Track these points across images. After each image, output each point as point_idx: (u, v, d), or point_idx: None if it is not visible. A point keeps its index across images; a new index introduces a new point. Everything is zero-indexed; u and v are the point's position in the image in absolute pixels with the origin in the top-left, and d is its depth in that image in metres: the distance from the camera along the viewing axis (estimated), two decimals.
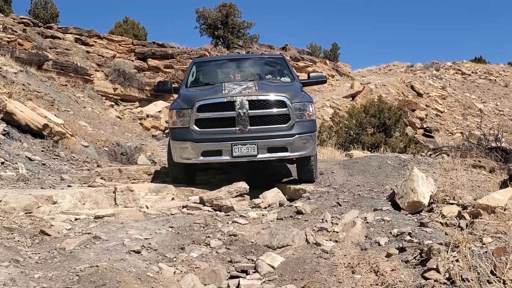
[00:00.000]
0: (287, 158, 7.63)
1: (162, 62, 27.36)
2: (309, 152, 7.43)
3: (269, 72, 9.25)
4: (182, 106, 7.49)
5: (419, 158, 9.33)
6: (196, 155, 7.31)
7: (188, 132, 7.31)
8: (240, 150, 7.16)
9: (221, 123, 7.28)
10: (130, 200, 7.22)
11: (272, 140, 7.23)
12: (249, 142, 7.17)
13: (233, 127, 7.19)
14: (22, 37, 20.88)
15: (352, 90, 31.90)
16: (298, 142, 7.27)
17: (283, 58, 9.64)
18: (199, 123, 7.29)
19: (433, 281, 3.72)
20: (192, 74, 9.01)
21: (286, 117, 7.28)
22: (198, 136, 7.25)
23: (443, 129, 34.07)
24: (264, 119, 7.29)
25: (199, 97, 7.41)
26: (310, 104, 7.57)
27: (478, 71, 46.48)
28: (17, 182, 7.53)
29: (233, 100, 7.17)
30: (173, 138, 7.55)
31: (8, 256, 4.50)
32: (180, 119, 7.41)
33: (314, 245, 4.99)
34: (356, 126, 18.21)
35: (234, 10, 33.61)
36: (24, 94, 13.85)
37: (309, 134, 7.41)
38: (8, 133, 9.90)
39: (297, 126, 7.30)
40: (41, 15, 28.82)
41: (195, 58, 12.07)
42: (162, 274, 4.40)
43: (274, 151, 7.30)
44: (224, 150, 7.23)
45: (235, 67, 9.59)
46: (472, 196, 5.93)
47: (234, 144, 7.16)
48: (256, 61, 9.84)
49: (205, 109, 7.27)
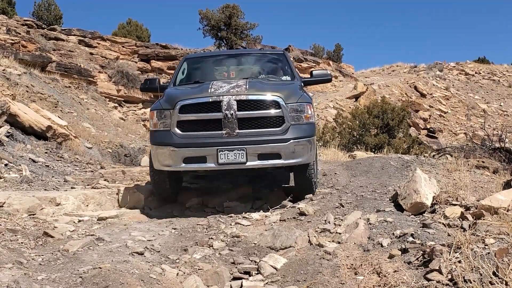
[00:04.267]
0: (281, 166, 6.68)
1: (166, 63, 27.44)
2: (306, 159, 6.59)
3: (267, 69, 8.44)
4: (163, 106, 6.68)
5: (422, 159, 9.31)
6: (177, 162, 6.47)
7: (169, 135, 6.50)
8: (226, 157, 6.33)
9: (206, 126, 6.46)
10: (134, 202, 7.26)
11: (263, 146, 6.37)
12: (237, 148, 6.33)
13: (220, 130, 6.36)
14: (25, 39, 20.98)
15: (355, 91, 31.91)
16: (293, 148, 6.43)
17: (284, 54, 8.74)
18: (182, 126, 6.49)
19: (435, 282, 3.72)
20: (182, 71, 8.23)
21: (279, 119, 6.46)
22: (180, 140, 6.44)
23: (447, 130, 34.01)
24: (255, 121, 6.45)
25: (181, 97, 6.63)
26: (309, 105, 6.73)
27: (481, 72, 46.37)
28: (21, 184, 7.56)
29: (219, 100, 6.36)
30: (153, 142, 6.76)
31: (11, 258, 4.52)
32: (162, 121, 6.61)
33: (317, 247, 4.99)
34: (360, 127, 18.20)
35: (237, 11, 33.67)
36: (28, 96, 13.91)
37: (306, 139, 6.57)
38: (11, 135, 9.94)
39: (293, 129, 6.47)
40: (44, 17, 28.96)
41: (188, 54, 10.86)
42: (165, 276, 4.41)
43: (265, 158, 6.43)
44: (209, 156, 6.38)
45: (231, 63, 8.74)
46: (475, 197, 5.92)
47: (220, 149, 6.32)
48: (254, 57, 8.92)
49: (188, 110, 6.49)
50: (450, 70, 46.13)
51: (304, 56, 36.31)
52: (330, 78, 8.25)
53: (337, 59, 41.52)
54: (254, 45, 33.38)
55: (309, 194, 6.92)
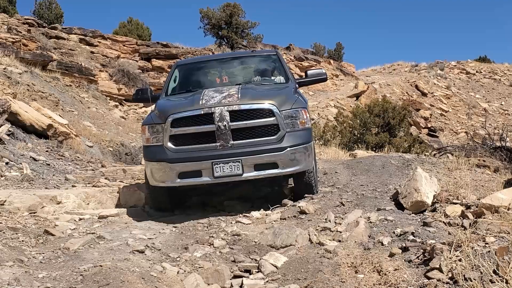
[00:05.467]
0: (279, 175, 6.49)
1: (166, 62, 27.42)
2: (304, 167, 6.42)
3: (260, 71, 8.24)
4: (154, 121, 6.50)
5: (423, 157, 9.32)
6: (172, 178, 6.26)
7: (162, 150, 6.30)
8: (222, 170, 6.12)
9: (199, 139, 6.25)
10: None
11: (259, 156, 6.18)
12: (232, 160, 6.12)
13: (214, 142, 6.17)
14: (26, 37, 20.97)
15: (356, 90, 31.91)
16: (289, 156, 6.24)
17: (277, 54, 8.45)
18: (175, 140, 6.29)
19: (436, 281, 3.72)
20: (174, 79, 7.99)
21: (274, 127, 6.27)
22: (173, 155, 6.24)
23: (448, 129, 34.01)
24: (249, 131, 6.26)
25: (172, 110, 6.42)
26: (304, 110, 6.54)
27: (482, 71, 46.36)
28: (22, 182, 7.56)
29: (211, 112, 6.16)
30: (147, 158, 6.59)
31: (12, 256, 4.53)
32: (154, 136, 6.42)
33: (317, 245, 4.99)
34: (360, 126, 18.21)
35: (238, 10, 33.69)
36: (29, 94, 13.91)
37: (303, 145, 6.38)
38: (12, 134, 9.95)
39: (288, 137, 6.27)
40: (45, 16, 28.95)
41: (179, 61, 10.03)
42: (165, 274, 4.42)
43: (262, 169, 6.23)
44: (204, 170, 6.17)
45: (223, 68, 8.49)
46: (475, 195, 5.92)
47: (215, 162, 6.11)
48: (246, 60, 8.65)
49: (180, 124, 6.27)
50: (451, 69, 46.13)
51: (305, 55, 36.31)
52: (325, 78, 7.98)
53: (338, 58, 41.49)
54: (255, 44, 33.39)
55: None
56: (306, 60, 35.44)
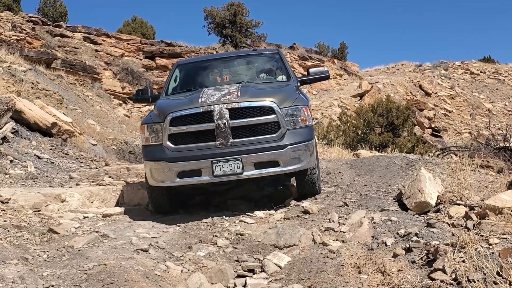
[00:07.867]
0: (280, 173, 6.43)
1: (170, 61, 27.40)
2: (305, 165, 6.35)
3: (262, 70, 8.19)
4: (153, 120, 6.45)
5: (427, 158, 9.30)
6: (172, 177, 6.19)
7: (161, 150, 6.25)
8: (222, 168, 6.05)
9: (199, 138, 6.18)
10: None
11: (259, 154, 6.10)
12: (232, 158, 6.06)
13: (213, 141, 6.11)
14: (31, 35, 21.02)
15: (360, 90, 31.85)
16: (290, 154, 6.18)
17: (278, 53, 8.37)
18: (174, 139, 6.23)
19: (439, 282, 3.72)
20: (174, 79, 7.94)
21: (274, 125, 6.21)
22: (172, 154, 6.18)
23: (452, 129, 33.93)
24: (249, 129, 6.19)
25: (171, 109, 6.35)
26: (305, 108, 6.48)
27: (486, 71, 46.20)
28: (26, 180, 7.59)
29: (210, 109, 6.10)
30: (146, 157, 6.52)
31: (17, 254, 4.55)
32: (153, 135, 6.36)
33: (321, 245, 5.00)
34: (364, 125, 18.18)
35: (242, 9, 33.68)
36: (33, 92, 13.94)
37: (304, 143, 6.31)
38: (17, 132, 9.97)
39: (289, 135, 6.21)
40: (50, 14, 29.05)
41: (179, 60, 10.09)
42: (169, 273, 4.43)
43: (262, 167, 6.16)
44: (204, 169, 6.10)
45: (224, 67, 8.45)
46: (479, 196, 5.91)
47: (215, 161, 6.04)
48: (247, 59, 8.56)
49: (179, 122, 6.21)
50: (455, 69, 45.98)
51: (308, 54, 36.27)
52: (327, 76, 7.89)
53: (342, 58, 41.49)
54: (259, 43, 33.38)
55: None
56: (310, 59, 35.38)
